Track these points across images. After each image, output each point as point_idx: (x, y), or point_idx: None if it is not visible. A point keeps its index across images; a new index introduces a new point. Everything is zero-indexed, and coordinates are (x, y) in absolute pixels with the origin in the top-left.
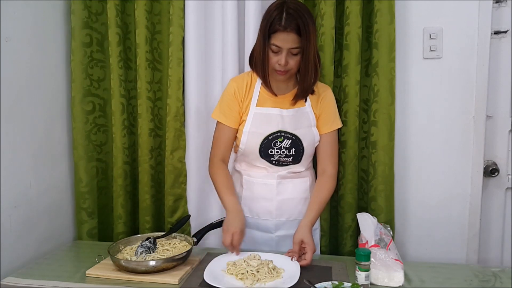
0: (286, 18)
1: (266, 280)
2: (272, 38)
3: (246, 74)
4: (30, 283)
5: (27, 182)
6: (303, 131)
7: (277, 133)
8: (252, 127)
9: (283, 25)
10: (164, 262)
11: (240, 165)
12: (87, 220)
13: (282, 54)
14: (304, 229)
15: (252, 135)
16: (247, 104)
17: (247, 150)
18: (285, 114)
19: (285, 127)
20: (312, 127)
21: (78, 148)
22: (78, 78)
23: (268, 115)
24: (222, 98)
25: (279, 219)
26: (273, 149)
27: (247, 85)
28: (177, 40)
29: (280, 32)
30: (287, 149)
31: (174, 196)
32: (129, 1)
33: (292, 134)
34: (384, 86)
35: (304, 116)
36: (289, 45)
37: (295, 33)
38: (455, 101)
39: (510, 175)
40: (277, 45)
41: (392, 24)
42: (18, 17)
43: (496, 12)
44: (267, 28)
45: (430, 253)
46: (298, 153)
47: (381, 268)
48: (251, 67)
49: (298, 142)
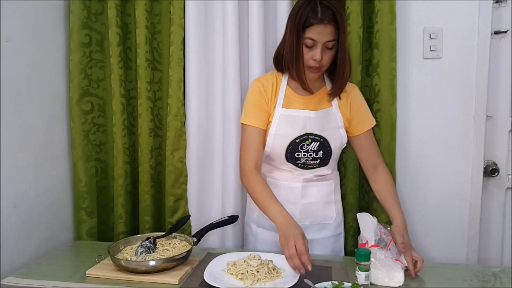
0: (322, 11)
1: (266, 280)
2: (307, 32)
3: (269, 74)
4: (30, 283)
5: (27, 182)
6: (331, 133)
7: (305, 135)
8: (278, 129)
9: (319, 18)
10: (164, 262)
11: (263, 167)
12: (87, 219)
13: (317, 49)
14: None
15: (278, 138)
16: (274, 105)
17: (273, 153)
18: (314, 115)
19: (312, 129)
20: (340, 129)
21: (76, 148)
22: (76, 78)
23: (295, 117)
24: (247, 100)
25: (303, 223)
26: (300, 152)
27: (273, 85)
28: (178, 40)
29: (316, 24)
30: (314, 152)
31: (174, 196)
32: (129, 1)
33: (320, 136)
34: (385, 86)
35: (331, 117)
36: (326, 38)
37: (332, 25)
38: (455, 101)
39: (510, 175)
40: (313, 39)
41: (393, 24)
42: (18, 17)
43: (496, 12)
44: (301, 22)
45: (430, 253)
46: (326, 155)
47: (381, 268)
48: (277, 67)
49: (326, 144)
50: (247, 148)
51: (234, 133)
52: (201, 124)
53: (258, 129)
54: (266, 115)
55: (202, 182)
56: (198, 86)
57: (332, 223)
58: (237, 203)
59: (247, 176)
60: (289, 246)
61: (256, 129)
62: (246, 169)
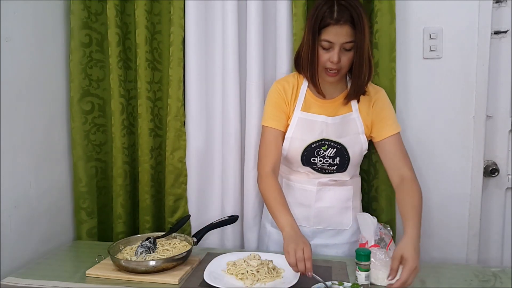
0: (338, 11)
1: (266, 280)
2: (323, 34)
3: (291, 75)
4: (30, 283)
5: (27, 182)
6: (349, 139)
7: (321, 141)
8: (295, 133)
9: (335, 18)
10: (164, 262)
11: (281, 168)
12: (87, 220)
13: (335, 50)
14: (407, 243)
15: (294, 142)
16: (293, 108)
17: (289, 156)
18: (331, 122)
19: (329, 135)
20: (360, 135)
21: (77, 148)
22: (77, 78)
23: (313, 121)
24: (267, 102)
25: (317, 227)
26: (316, 157)
27: (294, 87)
28: (178, 40)
29: (332, 25)
30: (331, 158)
31: (174, 196)
32: (129, 1)
33: (337, 142)
34: (384, 86)
35: (351, 123)
36: (343, 39)
37: (349, 26)
38: (455, 101)
39: (510, 175)
40: (329, 40)
41: (393, 24)
42: (18, 17)
43: (496, 12)
44: (317, 23)
45: (430, 253)
46: (344, 162)
47: (381, 268)
48: (297, 69)
49: (344, 151)
50: (265, 151)
51: (234, 132)
52: (201, 124)
53: (277, 130)
54: (285, 117)
55: (202, 182)
56: (198, 86)
57: (347, 230)
58: (236, 203)
59: (263, 180)
60: (290, 254)
61: (274, 131)
62: (263, 173)
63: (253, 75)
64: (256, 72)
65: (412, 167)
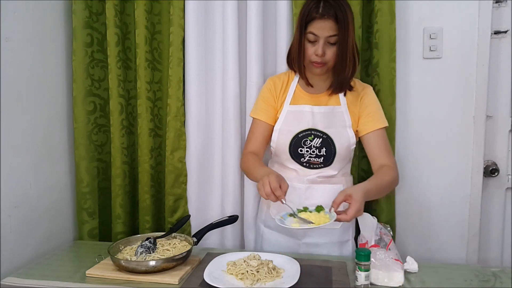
0: (324, 7)
1: (266, 280)
2: (309, 27)
3: (284, 73)
4: (30, 283)
5: (27, 182)
6: (336, 131)
7: (307, 131)
8: (283, 125)
9: (320, 13)
10: (164, 262)
11: (273, 167)
12: (88, 220)
13: (319, 44)
14: (359, 187)
15: (282, 133)
16: (282, 102)
17: (278, 148)
18: (316, 111)
19: (316, 125)
20: (347, 128)
21: (79, 148)
22: (80, 78)
23: (300, 112)
24: (258, 96)
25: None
26: (303, 148)
27: (283, 83)
28: (178, 40)
29: (317, 19)
30: (317, 149)
31: (174, 196)
32: (128, 1)
33: (323, 132)
34: (384, 86)
35: (338, 116)
36: (326, 33)
37: (332, 21)
38: (455, 101)
39: (510, 175)
40: (314, 33)
41: (393, 24)
42: (18, 17)
43: (496, 12)
44: (304, 18)
45: (430, 253)
46: (330, 153)
47: (381, 268)
48: (288, 64)
49: (330, 141)
50: (250, 139)
51: (234, 132)
52: (201, 124)
53: (264, 122)
54: (273, 111)
55: (202, 182)
56: (197, 86)
57: (338, 228)
58: (236, 203)
59: (243, 158)
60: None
61: (261, 122)
62: (244, 154)
63: (253, 75)
64: (256, 72)
65: (394, 161)
